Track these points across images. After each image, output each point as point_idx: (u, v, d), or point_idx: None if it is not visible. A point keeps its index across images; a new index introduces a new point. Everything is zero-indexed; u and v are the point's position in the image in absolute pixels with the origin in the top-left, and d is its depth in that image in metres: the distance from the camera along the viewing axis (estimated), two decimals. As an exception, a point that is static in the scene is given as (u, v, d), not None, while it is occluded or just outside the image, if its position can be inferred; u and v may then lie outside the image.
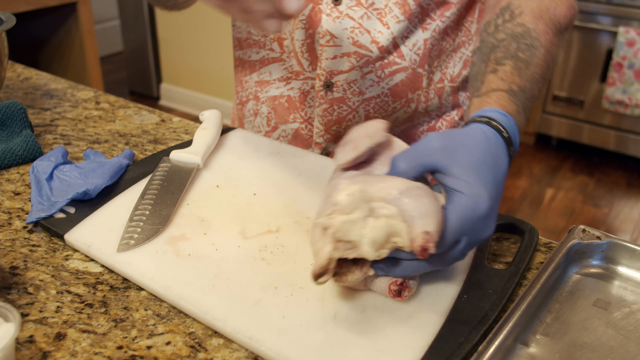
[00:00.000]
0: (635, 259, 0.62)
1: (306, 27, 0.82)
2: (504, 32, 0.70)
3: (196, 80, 3.42)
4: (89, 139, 0.91)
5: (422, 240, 0.49)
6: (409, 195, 0.51)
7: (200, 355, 0.52)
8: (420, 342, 0.52)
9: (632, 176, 2.89)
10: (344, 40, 0.81)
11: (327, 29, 0.80)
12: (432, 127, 0.91)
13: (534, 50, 0.67)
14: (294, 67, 0.86)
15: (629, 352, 0.52)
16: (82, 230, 0.66)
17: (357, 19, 0.79)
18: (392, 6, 0.79)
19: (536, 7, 0.71)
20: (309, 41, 0.83)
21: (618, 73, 2.65)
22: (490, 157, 0.55)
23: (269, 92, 0.91)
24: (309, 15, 0.81)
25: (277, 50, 0.87)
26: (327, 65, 0.83)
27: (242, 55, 0.93)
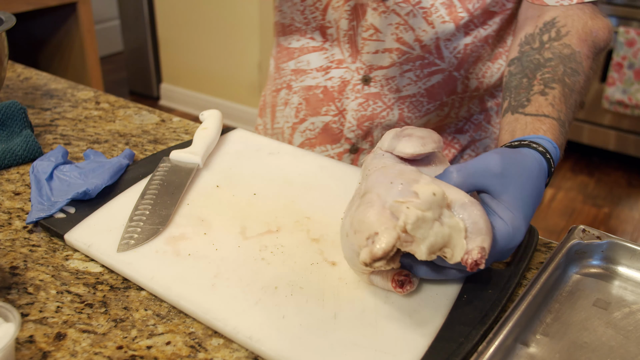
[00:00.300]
0: (635, 259, 0.62)
1: (350, 18, 0.81)
2: (551, 52, 0.70)
3: (196, 80, 3.42)
4: (89, 139, 0.91)
5: (477, 255, 0.50)
6: (473, 210, 0.52)
7: (200, 355, 0.52)
8: (420, 342, 0.52)
9: (632, 176, 2.89)
10: (388, 35, 0.80)
11: (372, 23, 0.80)
12: (460, 129, 0.91)
13: (578, 76, 0.69)
14: (336, 56, 0.85)
15: (629, 352, 0.52)
16: (82, 230, 0.66)
17: (403, 15, 0.79)
18: (438, 6, 0.78)
19: (581, 29, 0.72)
20: (351, 33, 0.82)
21: (618, 73, 2.65)
22: (536, 191, 0.57)
23: (305, 81, 0.90)
24: (354, 7, 0.80)
25: (319, 40, 0.86)
26: (367, 60, 0.82)
27: (283, 42, 0.92)
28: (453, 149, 0.91)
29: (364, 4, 0.80)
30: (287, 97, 0.94)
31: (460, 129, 0.91)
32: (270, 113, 0.99)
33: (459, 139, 0.91)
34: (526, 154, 0.58)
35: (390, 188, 0.53)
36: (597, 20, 0.74)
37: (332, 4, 0.81)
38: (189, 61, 3.39)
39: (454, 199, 0.52)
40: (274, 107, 0.98)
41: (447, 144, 0.91)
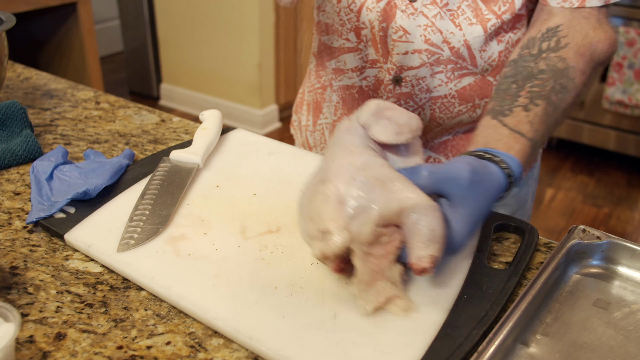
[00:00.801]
0: (635, 259, 0.62)
1: (380, 20, 0.83)
2: (546, 63, 0.70)
3: (196, 80, 3.42)
4: (89, 139, 0.91)
5: (428, 263, 0.51)
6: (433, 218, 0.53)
7: (200, 355, 0.52)
8: (420, 342, 0.52)
9: (632, 176, 2.89)
10: (417, 37, 0.81)
11: (401, 25, 0.81)
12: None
13: (566, 93, 0.69)
14: (370, 56, 0.86)
15: (629, 352, 0.52)
16: (82, 230, 0.66)
17: (431, 17, 0.80)
18: (464, 8, 0.79)
19: (581, 41, 0.72)
20: (382, 34, 0.84)
21: (618, 73, 2.65)
22: (488, 210, 0.59)
23: (343, 81, 0.92)
24: (383, 9, 0.82)
25: (354, 41, 0.87)
26: (397, 60, 0.83)
27: (327, 41, 0.93)
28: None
29: (393, 6, 0.81)
30: (329, 95, 0.96)
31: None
32: (314, 110, 1.00)
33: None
34: (493, 172, 0.60)
35: (350, 184, 0.53)
36: (599, 32, 0.73)
37: (366, 4, 0.83)
38: (189, 61, 3.39)
39: (417, 202, 0.53)
40: (318, 104, 0.99)
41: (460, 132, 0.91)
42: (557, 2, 0.74)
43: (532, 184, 1.01)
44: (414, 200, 0.52)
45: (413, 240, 0.52)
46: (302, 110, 1.05)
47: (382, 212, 0.52)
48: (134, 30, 3.52)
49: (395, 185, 0.53)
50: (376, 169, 0.54)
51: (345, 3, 0.85)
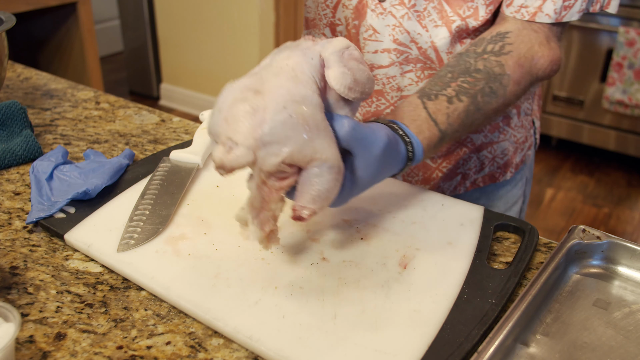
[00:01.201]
0: (635, 259, 0.62)
1: (353, 17, 0.84)
2: (483, 64, 0.72)
3: (196, 80, 3.42)
4: (89, 139, 0.91)
5: (306, 214, 0.53)
6: (331, 178, 0.54)
7: (200, 355, 0.52)
8: (420, 342, 0.52)
9: (632, 176, 2.89)
10: (386, 36, 0.83)
11: (371, 24, 0.83)
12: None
13: (494, 97, 0.70)
14: None
15: (629, 352, 0.52)
16: (82, 230, 0.66)
17: (399, 18, 0.81)
18: (430, 10, 0.81)
19: (524, 52, 0.73)
20: (354, 32, 0.85)
21: (618, 73, 2.65)
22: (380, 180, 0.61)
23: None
24: (355, 7, 0.83)
25: (329, 36, 0.88)
26: (368, 59, 0.85)
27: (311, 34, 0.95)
28: (465, 147, 0.91)
29: (364, 5, 0.83)
30: None
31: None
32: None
33: (472, 137, 0.91)
34: (400, 151, 0.62)
35: (279, 112, 0.52)
36: (544, 48, 0.74)
37: (343, 1, 0.84)
38: (189, 61, 3.39)
39: (327, 158, 0.53)
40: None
41: (459, 141, 0.91)
42: (510, 11, 0.76)
43: (522, 186, 1.01)
44: (325, 155, 0.53)
45: (305, 188, 0.53)
46: None
47: (293, 154, 0.52)
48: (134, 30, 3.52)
49: (317, 133, 0.53)
50: (310, 109, 0.54)
51: None
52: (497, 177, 0.95)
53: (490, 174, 0.94)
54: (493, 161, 0.93)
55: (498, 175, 0.95)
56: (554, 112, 2.97)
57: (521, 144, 0.96)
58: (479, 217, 0.69)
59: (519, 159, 0.96)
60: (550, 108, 2.97)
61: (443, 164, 0.92)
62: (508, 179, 0.96)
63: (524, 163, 0.98)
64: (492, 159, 0.93)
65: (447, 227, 0.68)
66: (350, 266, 0.61)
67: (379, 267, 0.61)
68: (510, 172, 0.96)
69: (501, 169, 0.94)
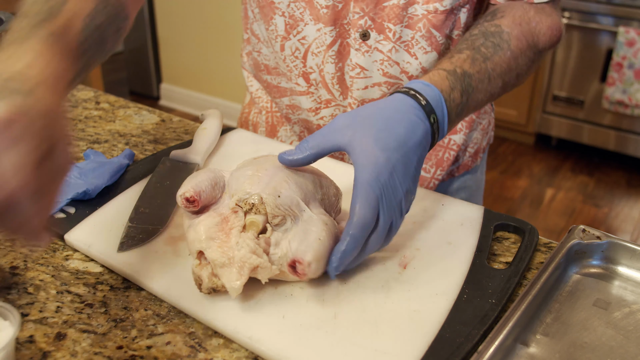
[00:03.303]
0: (635, 259, 0.62)
1: (336, 62, 0.83)
2: (478, 29, 0.71)
3: (196, 80, 3.42)
4: (89, 139, 0.91)
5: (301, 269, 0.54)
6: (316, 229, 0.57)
7: (200, 355, 0.52)
8: (420, 342, 0.52)
9: (632, 176, 2.89)
10: (374, 72, 0.82)
11: (357, 62, 0.81)
12: (454, 129, 0.91)
13: (499, 49, 0.68)
14: (324, 97, 0.86)
15: (629, 352, 0.52)
16: (82, 230, 0.66)
17: (386, 52, 0.80)
18: (418, 39, 0.80)
19: (518, 16, 0.72)
20: (339, 74, 0.84)
21: (618, 73, 2.65)
22: (394, 123, 0.57)
23: (301, 116, 0.91)
24: (337, 50, 0.82)
25: (304, 85, 0.87)
26: (358, 95, 0.84)
27: (272, 81, 0.92)
28: (452, 150, 0.91)
29: (346, 46, 0.81)
30: (288, 126, 0.96)
31: (454, 130, 0.91)
32: (267, 132, 0.99)
33: (455, 140, 0.91)
34: (384, 98, 0.59)
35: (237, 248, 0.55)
36: (542, 15, 0.73)
37: (311, 50, 0.83)
38: (189, 61, 3.39)
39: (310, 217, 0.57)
40: (274, 127, 0.98)
41: (443, 147, 0.91)
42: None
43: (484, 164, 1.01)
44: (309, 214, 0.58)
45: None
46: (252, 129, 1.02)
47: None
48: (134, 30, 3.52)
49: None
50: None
51: (289, 51, 0.84)
52: (469, 165, 0.96)
53: (464, 164, 0.95)
54: (466, 151, 0.94)
55: (470, 163, 0.96)
56: (554, 112, 2.97)
57: (486, 129, 0.97)
58: (479, 217, 0.69)
59: (485, 143, 0.97)
60: (550, 108, 2.97)
61: (437, 172, 0.92)
62: (478, 164, 0.98)
63: (488, 144, 0.99)
64: (465, 150, 0.94)
65: (447, 227, 0.68)
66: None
67: (379, 267, 0.61)
68: (480, 157, 0.97)
69: (472, 157, 0.95)
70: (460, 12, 0.79)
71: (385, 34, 0.79)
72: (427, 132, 0.59)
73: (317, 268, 0.55)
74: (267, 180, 0.58)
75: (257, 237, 0.56)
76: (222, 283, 0.54)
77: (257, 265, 0.54)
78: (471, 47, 0.68)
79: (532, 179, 2.87)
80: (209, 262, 0.55)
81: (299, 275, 0.54)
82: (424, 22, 0.78)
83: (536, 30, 0.72)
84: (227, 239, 0.56)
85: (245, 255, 0.54)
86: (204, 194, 0.60)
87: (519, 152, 3.11)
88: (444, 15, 0.78)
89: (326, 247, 0.56)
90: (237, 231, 0.56)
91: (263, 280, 0.55)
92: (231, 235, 0.56)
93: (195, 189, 0.59)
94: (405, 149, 0.56)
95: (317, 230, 0.56)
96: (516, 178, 2.87)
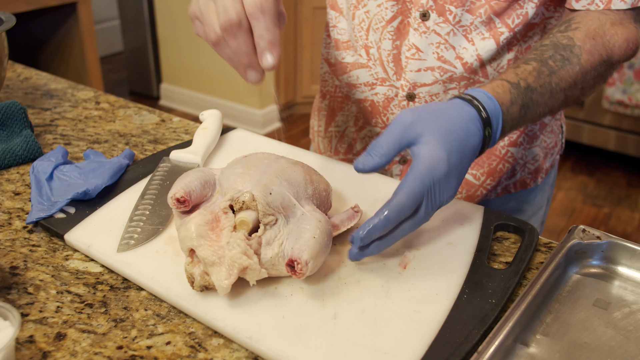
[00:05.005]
0: (635, 259, 0.62)
1: (394, 39, 0.83)
2: (549, 39, 0.69)
3: (196, 80, 3.42)
4: (89, 139, 0.91)
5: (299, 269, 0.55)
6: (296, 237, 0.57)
7: (200, 355, 0.52)
8: (420, 342, 0.52)
9: (632, 176, 2.89)
10: (429, 54, 0.82)
11: (414, 43, 0.82)
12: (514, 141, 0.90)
13: (567, 64, 0.67)
14: (379, 74, 0.87)
15: (629, 352, 0.52)
16: (82, 230, 0.66)
17: (444, 35, 0.80)
18: (477, 24, 0.79)
19: (593, 29, 0.70)
20: (396, 52, 0.84)
21: (618, 73, 2.65)
22: (458, 128, 0.58)
23: (356, 94, 0.92)
24: (397, 27, 0.82)
25: (364, 57, 0.88)
26: (411, 77, 0.84)
27: (338, 56, 0.93)
28: (507, 163, 0.90)
29: (406, 24, 0.82)
30: (347, 106, 0.96)
31: (514, 142, 0.90)
32: (327, 116, 1.00)
33: (512, 152, 0.90)
34: (448, 101, 0.60)
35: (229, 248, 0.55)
36: (616, 27, 0.71)
37: (372, 25, 0.84)
38: (189, 61, 3.39)
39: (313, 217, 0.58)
40: (333, 112, 0.99)
41: (499, 157, 0.90)
42: (582, 4, 0.73)
43: (548, 190, 1.00)
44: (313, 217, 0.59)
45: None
46: (315, 116, 1.05)
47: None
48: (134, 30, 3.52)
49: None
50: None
51: (357, 20, 0.86)
52: (527, 183, 0.94)
53: (522, 180, 0.93)
54: (524, 167, 0.92)
55: (529, 181, 0.94)
56: (554, 112, 2.97)
57: (551, 149, 0.95)
58: (479, 217, 0.69)
59: (548, 164, 0.95)
60: (550, 108, 2.97)
61: (487, 181, 0.91)
62: (539, 184, 0.96)
63: (552, 167, 0.97)
64: (524, 165, 0.92)
65: (447, 227, 0.68)
66: (350, 266, 0.61)
67: (379, 267, 0.61)
68: (541, 178, 0.95)
69: (532, 175, 0.93)
70: (528, 5, 0.78)
71: (445, 16, 0.79)
72: (480, 140, 0.60)
73: (314, 266, 0.56)
74: (258, 178, 0.59)
75: (249, 236, 0.56)
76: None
77: (246, 267, 0.54)
78: (539, 58, 0.67)
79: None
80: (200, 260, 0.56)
81: (297, 274, 0.55)
82: (485, 8, 0.78)
83: (611, 43, 0.70)
84: (218, 239, 0.56)
85: (235, 255, 0.54)
86: (194, 194, 0.60)
87: (519, 152, 3.10)
88: (507, 3, 0.77)
89: (321, 245, 0.56)
90: (228, 231, 0.56)
91: (251, 282, 0.55)
92: (222, 235, 0.56)
93: (186, 189, 0.60)
94: (462, 155, 0.57)
95: (311, 228, 0.56)
96: (516, 178, 2.87)
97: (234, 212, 0.59)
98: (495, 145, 0.63)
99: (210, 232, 0.57)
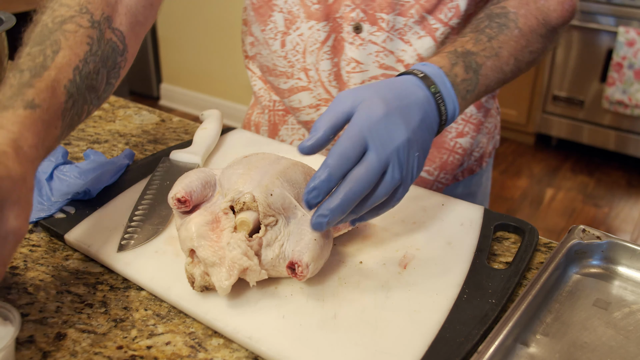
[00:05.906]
0: (635, 259, 0.62)
1: (331, 57, 0.83)
2: (483, 12, 0.70)
3: (196, 80, 3.42)
4: (89, 139, 0.91)
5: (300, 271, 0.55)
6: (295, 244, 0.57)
7: (200, 355, 0.52)
8: (420, 342, 0.52)
9: (632, 176, 2.89)
10: (370, 64, 0.82)
11: (352, 57, 0.81)
12: (460, 132, 0.90)
13: (505, 28, 0.67)
14: (322, 95, 0.87)
15: (629, 352, 0.52)
16: (82, 230, 0.66)
17: (380, 43, 0.80)
18: (411, 25, 0.79)
19: None
20: (336, 69, 0.84)
21: (618, 73, 2.65)
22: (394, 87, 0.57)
23: (300, 117, 0.91)
24: (332, 46, 0.82)
25: (305, 80, 0.87)
26: None
27: (273, 82, 0.92)
28: (457, 154, 0.91)
29: (340, 40, 0.81)
30: (290, 119, 0.95)
31: (461, 132, 0.91)
32: (269, 131, 0.99)
33: (461, 143, 0.90)
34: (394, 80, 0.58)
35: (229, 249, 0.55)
36: None
37: (307, 48, 0.83)
38: (189, 61, 3.39)
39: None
40: (275, 126, 0.98)
41: (449, 149, 0.90)
42: None
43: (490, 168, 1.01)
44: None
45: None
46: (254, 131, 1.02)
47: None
48: (134, 30, 3.52)
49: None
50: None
51: (290, 46, 0.85)
52: (474, 169, 0.95)
53: (469, 168, 0.94)
54: (471, 155, 0.93)
55: (475, 167, 0.95)
56: (554, 112, 2.97)
57: (492, 132, 0.96)
58: (479, 217, 0.69)
59: (491, 147, 0.97)
60: (550, 108, 2.97)
61: (441, 175, 0.91)
62: (483, 169, 0.97)
63: (494, 149, 0.99)
64: (470, 154, 0.93)
65: (447, 227, 0.68)
66: (350, 266, 0.61)
67: (379, 267, 0.61)
68: (485, 162, 0.97)
69: (477, 161, 0.95)
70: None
71: (378, 24, 0.79)
72: (428, 98, 0.58)
73: (315, 268, 0.56)
74: (259, 179, 0.59)
75: (250, 237, 0.56)
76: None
77: (246, 267, 0.54)
78: (475, 30, 0.67)
79: (532, 179, 2.87)
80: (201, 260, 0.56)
81: (297, 277, 0.55)
82: (416, 8, 0.78)
83: (545, 7, 0.71)
84: (219, 239, 0.56)
85: (236, 256, 0.54)
86: (195, 194, 0.60)
87: (519, 152, 3.11)
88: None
89: (322, 247, 0.56)
90: (229, 231, 0.56)
91: (251, 283, 0.55)
92: (222, 235, 0.56)
93: (186, 190, 0.60)
94: (405, 101, 0.56)
95: (311, 230, 0.56)
96: (516, 178, 2.87)
97: (234, 212, 0.59)
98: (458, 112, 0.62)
99: (210, 232, 0.57)
